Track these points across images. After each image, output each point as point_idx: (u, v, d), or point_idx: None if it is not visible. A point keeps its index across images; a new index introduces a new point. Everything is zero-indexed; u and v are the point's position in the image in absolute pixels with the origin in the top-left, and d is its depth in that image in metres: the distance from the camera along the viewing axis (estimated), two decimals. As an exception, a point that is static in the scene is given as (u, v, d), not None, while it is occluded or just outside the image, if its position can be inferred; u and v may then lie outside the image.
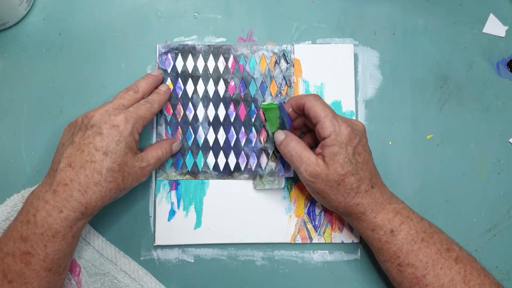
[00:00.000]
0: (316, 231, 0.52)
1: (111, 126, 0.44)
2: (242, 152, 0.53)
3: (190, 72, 0.54)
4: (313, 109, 0.47)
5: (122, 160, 0.44)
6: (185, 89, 0.54)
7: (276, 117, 0.48)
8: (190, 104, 0.53)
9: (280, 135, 0.49)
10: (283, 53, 0.54)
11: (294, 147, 0.47)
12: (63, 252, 0.43)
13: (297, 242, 0.52)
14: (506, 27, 0.56)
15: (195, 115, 0.53)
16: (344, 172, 0.45)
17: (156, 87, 0.51)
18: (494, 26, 0.56)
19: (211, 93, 0.54)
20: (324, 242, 0.52)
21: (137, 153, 0.46)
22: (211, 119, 0.53)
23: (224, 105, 0.54)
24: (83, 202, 0.43)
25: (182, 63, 0.54)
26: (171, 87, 0.53)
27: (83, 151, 0.43)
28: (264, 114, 0.50)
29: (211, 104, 0.54)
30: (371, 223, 0.46)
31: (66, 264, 0.45)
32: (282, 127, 0.49)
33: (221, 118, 0.53)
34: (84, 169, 0.43)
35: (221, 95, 0.54)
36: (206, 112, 0.53)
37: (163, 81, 0.53)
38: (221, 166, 0.53)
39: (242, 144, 0.53)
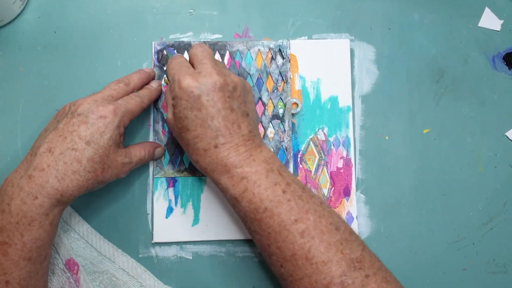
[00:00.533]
0: (314, 227, 0.52)
1: (98, 116, 0.43)
2: (239, 149, 0.53)
3: (186, 69, 0.54)
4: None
5: (104, 152, 0.43)
6: (181, 86, 0.53)
7: None
8: (186, 101, 0.53)
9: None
10: (279, 49, 0.54)
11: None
12: (42, 241, 0.42)
13: (295, 237, 0.52)
14: (502, 21, 0.56)
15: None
16: (180, 126, 0.44)
17: (148, 83, 0.51)
18: (489, 20, 0.56)
19: (207, 90, 0.54)
20: (322, 237, 0.52)
21: (120, 147, 0.46)
22: (207, 116, 0.53)
23: (220, 101, 0.53)
24: (59, 189, 0.42)
25: (178, 60, 0.54)
26: (165, 84, 0.53)
27: (66, 138, 0.42)
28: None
29: (207, 100, 0.53)
30: (218, 185, 0.45)
31: (47, 252, 0.44)
32: None
33: (218, 115, 0.53)
34: (63, 156, 0.42)
35: (218, 92, 0.54)
36: (202, 109, 0.53)
37: (159, 79, 0.53)
38: (218, 163, 0.53)
39: (239, 140, 0.53)
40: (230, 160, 0.43)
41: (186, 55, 0.54)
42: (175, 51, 0.54)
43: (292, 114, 0.53)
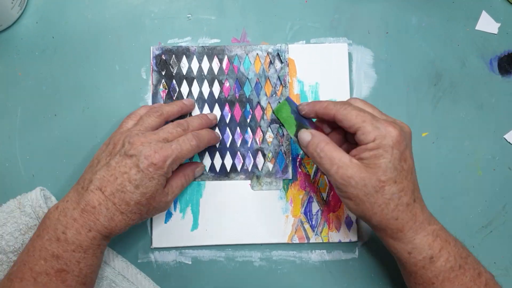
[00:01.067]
0: (313, 231, 0.52)
1: (150, 163, 0.43)
2: (238, 153, 0.53)
3: (184, 74, 0.54)
4: (346, 118, 0.42)
5: (151, 195, 0.44)
6: (179, 90, 0.53)
7: (289, 113, 0.46)
8: (185, 105, 0.53)
9: (306, 136, 0.44)
10: (277, 53, 0.54)
11: (323, 148, 0.42)
12: (94, 266, 0.44)
13: (294, 242, 0.52)
14: (499, 24, 0.56)
15: (190, 116, 0.53)
16: (386, 178, 0.39)
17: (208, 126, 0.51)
18: (486, 23, 0.56)
19: (206, 95, 0.54)
20: (321, 241, 0.52)
21: (165, 187, 0.46)
22: (206, 120, 0.53)
23: (219, 106, 0.54)
24: (108, 228, 0.43)
25: (177, 65, 0.54)
26: (163, 89, 0.53)
27: (117, 179, 0.43)
28: (278, 119, 0.47)
29: (206, 105, 0.53)
30: (408, 244, 0.41)
31: (96, 277, 0.46)
32: (299, 123, 0.46)
33: (217, 119, 0.53)
34: (113, 197, 0.43)
35: (216, 96, 0.54)
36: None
37: (158, 84, 0.53)
38: (217, 167, 0.53)
39: (238, 145, 0.53)
40: (425, 215, 0.42)
41: (184, 59, 0.54)
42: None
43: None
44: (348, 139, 0.46)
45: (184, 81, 0.54)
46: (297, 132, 0.45)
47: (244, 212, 0.52)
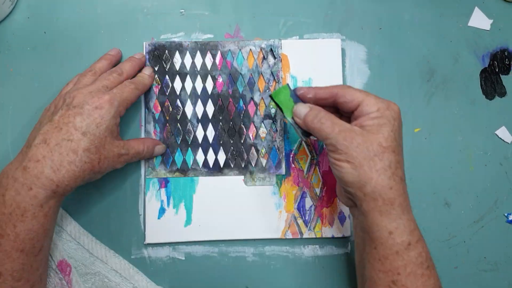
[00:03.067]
0: (307, 226, 0.53)
1: (94, 107, 0.43)
2: (231, 149, 0.53)
3: (177, 69, 0.54)
4: (349, 93, 0.43)
5: (100, 142, 0.43)
6: (172, 86, 0.53)
7: (288, 96, 0.46)
8: (178, 101, 0.53)
9: (303, 108, 0.45)
10: (271, 48, 0.54)
11: (324, 115, 0.43)
12: (35, 232, 0.42)
13: (287, 237, 0.52)
14: (491, 21, 0.56)
15: (184, 112, 0.53)
16: (387, 145, 0.40)
17: (140, 70, 0.51)
18: (479, 20, 0.56)
19: (199, 90, 0.53)
20: (314, 237, 0.52)
21: (117, 138, 0.46)
22: (199, 116, 0.53)
23: (212, 101, 0.53)
24: (55, 180, 0.41)
25: (170, 61, 0.54)
26: (156, 84, 0.53)
27: (61, 129, 0.42)
28: (275, 102, 0.47)
29: (199, 101, 0.53)
30: (393, 222, 0.40)
31: (42, 245, 0.43)
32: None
33: (210, 115, 0.53)
34: (59, 147, 0.42)
35: (209, 92, 0.53)
36: (194, 109, 0.53)
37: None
38: (211, 163, 0.53)
39: (231, 140, 0.53)
40: (408, 202, 0.42)
41: (177, 55, 0.53)
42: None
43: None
44: None
45: (177, 77, 0.53)
46: (294, 109, 0.46)
47: (237, 207, 0.52)
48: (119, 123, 0.46)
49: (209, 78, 0.54)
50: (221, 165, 0.53)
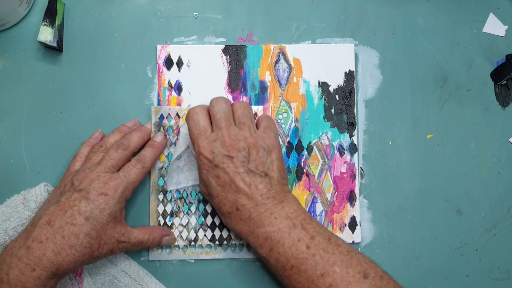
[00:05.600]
0: (317, 231, 0.52)
1: (99, 193, 0.44)
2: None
3: (190, 73, 0.54)
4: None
5: (102, 228, 0.44)
6: (185, 89, 0.53)
7: None
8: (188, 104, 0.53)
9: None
10: (283, 53, 0.54)
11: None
12: None
13: (297, 242, 0.52)
14: (506, 27, 0.56)
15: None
16: (207, 192, 0.47)
17: (149, 139, 0.51)
18: (494, 26, 0.56)
19: (212, 94, 0.54)
20: (324, 242, 0.52)
21: (121, 223, 0.46)
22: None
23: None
24: (55, 263, 0.42)
25: (183, 64, 0.54)
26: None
27: (66, 212, 0.43)
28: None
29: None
30: (249, 244, 0.46)
31: None
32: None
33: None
34: (62, 230, 0.42)
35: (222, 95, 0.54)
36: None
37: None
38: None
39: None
40: (253, 221, 0.44)
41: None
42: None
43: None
44: None
45: (190, 80, 0.54)
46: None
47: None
48: (124, 207, 0.46)
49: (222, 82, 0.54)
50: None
